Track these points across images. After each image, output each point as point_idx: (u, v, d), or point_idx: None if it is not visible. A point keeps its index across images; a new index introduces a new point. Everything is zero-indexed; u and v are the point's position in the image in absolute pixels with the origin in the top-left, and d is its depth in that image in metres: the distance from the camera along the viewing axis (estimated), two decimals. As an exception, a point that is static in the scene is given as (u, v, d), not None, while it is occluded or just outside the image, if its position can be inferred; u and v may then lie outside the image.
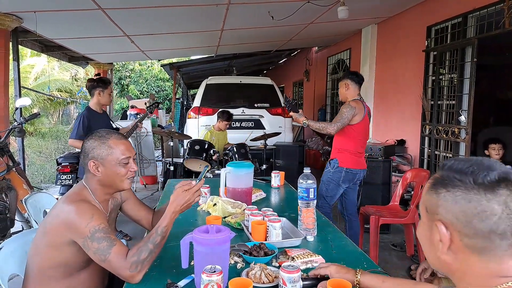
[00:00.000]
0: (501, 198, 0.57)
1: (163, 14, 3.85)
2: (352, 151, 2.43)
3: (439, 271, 0.70)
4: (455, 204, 0.59)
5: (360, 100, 2.44)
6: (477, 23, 3.33)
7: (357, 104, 2.40)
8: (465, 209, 0.58)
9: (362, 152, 2.52)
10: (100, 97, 2.78)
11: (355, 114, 2.37)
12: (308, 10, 3.89)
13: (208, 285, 0.87)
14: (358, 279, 0.83)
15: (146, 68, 15.87)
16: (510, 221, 0.57)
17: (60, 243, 1.12)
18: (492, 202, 0.57)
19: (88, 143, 1.21)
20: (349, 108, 2.37)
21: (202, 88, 5.10)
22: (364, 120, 2.42)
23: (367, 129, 2.51)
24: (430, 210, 0.64)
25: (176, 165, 3.89)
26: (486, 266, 0.59)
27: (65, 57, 6.43)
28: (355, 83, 2.46)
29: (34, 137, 10.03)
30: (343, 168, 2.42)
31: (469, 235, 0.59)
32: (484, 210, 0.57)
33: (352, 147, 2.43)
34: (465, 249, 0.60)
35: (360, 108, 2.40)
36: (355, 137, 2.42)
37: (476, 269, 0.60)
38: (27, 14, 3.59)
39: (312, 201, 1.43)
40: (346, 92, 2.49)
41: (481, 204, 0.58)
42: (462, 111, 3.47)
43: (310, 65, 8.03)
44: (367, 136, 2.55)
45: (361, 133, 2.46)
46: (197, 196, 1.16)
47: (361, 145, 2.49)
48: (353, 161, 2.43)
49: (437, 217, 0.62)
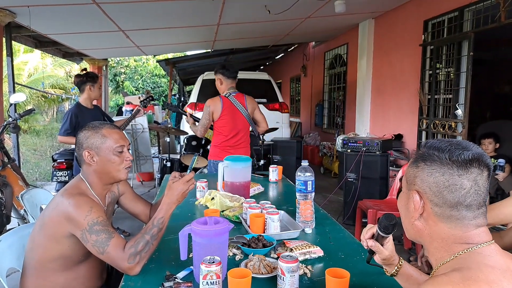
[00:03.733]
0: (471, 175, 0.64)
1: (158, 8, 3.81)
2: (217, 145, 2.56)
3: (411, 238, 0.76)
4: (430, 176, 0.67)
5: (226, 96, 2.50)
6: (473, 17, 3.33)
7: (212, 102, 2.51)
8: (438, 181, 0.66)
9: (234, 145, 2.54)
10: (91, 92, 2.78)
11: (211, 112, 2.49)
12: (305, 4, 3.87)
13: (207, 275, 0.87)
14: (401, 264, 0.87)
15: (141, 64, 15.75)
16: (477, 196, 0.65)
17: (58, 236, 1.12)
18: (463, 177, 0.64)
19: (81, 134, 1.21)
20: (206, 108, 2.52)
21: (198, 84, 5.06)
22: (223, 115, 2.48)
23: (235, 120, 2.51)
24: (409, 181, 0.72)
25: (173, 161, 3.88)
26: (452, 233, 0.66)
27: (59, 53, 6.36)
28: (227, 78, 2.53)
29: (28, 134, 9.94)
30: (210, 160, 2.61)
31: (439, 204, 0.66)
32: (454, 184, 0.65)
33: (217, 141, 2.56)
34: (434, 217, 0.68)
35: (216, 104, 2.49)
36: (221, 133, 2.53)
37: (443, 235, 0.67)
38: (20, 8, 3.53)
39: (310, 193, 1.43)
40: (220, 87, 2.58)
41: (453, 178, 0.65)
42: (458, 105, 3.48)
43: (307, 60, 8.01)
44: (236, 127, 2.53)
45: (226, 127, 2.50)
46: (191, 185, 1.16)
47: (228, 139, 2.52)
48: (216, 153, 2.56)
49: (414, 187, 0.70)
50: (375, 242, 0.84)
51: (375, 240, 0.84)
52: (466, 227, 0.65)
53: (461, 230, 0.65)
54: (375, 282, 1.00)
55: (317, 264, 1.11)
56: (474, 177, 0.64)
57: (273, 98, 5.12)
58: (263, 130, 2.72)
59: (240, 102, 2.53)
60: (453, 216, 0.65)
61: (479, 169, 0.65)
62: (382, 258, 0.86)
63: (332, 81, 6.84)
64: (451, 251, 0.66)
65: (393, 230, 0.82)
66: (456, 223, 0.66)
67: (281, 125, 4.98)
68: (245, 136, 2.61)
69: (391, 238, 0.85)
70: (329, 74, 6.92)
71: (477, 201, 0.65)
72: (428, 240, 0.70)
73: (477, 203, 0.65)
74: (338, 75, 6.45)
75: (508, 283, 0.59)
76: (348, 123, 5.94)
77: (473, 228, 0.65)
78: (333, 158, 5.54)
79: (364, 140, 3.37)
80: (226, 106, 2.50)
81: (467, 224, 0.65)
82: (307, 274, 1.04)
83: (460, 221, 0.65)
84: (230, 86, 2.55)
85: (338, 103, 6.42)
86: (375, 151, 3.30)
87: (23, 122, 9.56)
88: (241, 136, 2.57)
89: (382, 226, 0.82)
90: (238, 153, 2.46)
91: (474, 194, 0.65)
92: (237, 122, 2.54)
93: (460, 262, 0.63)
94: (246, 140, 2.62)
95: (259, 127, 2.69)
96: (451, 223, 0.66)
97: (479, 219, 0.66)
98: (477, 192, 0.65)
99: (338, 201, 3.98)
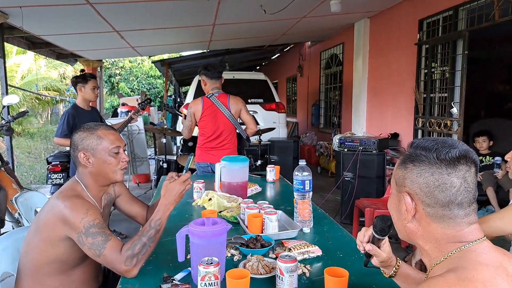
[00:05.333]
0: (460, 173, 0.64)
1: (153, 8, 3.79)
2: (200, 146, 2.58)
3: (404, 239, 0.75)
4: (419, 176, 0.66)
5: (208, 97, 2.49)
6: (468, 15, 3.35)
7: (193, 103, 2.55)
8: (428, 181, 0.65)
9: (217, 146, 2.53)
10: (82, 93, 2.76)
11: (192, 113, 2.51)
12: (301, 4, 3.87)
13: (205, 276, 0.86)
14: (399, 264, 0.86)
15: (136, 65, 15.67)
16: (467, 194, 0.65)
17: (54, 239, 1.10)
18: (452, 176, 0.64)
19: (76, 135, 1.19)
20: (188, 110, 2.54)
21: (194, 84, 5.05)
22: (203, 115, 2.48)
23: (216, 121, 2.50)
24: (399, 183, 0.71)
25: (170, 162, 3.86)
26: (445, 233, 0.66)
27: (52, 55, 6.29)
28: (210, 78, 2.53)
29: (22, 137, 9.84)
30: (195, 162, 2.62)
31: (431, 204, 0.66)
32: (444, 183, 0.64)
33: (200, 142, 2.58)
34: (427, 218, 0.67)
35: (196, 104, 2.51)
36: (203, 134, 2.55)
37: (437, 235, 0.67)
38: (12, 9, 3.49)
39: (308, 193, 1.42)
40: (204, 88, 2.58)
41: (442, 177, 0.64)
42: (454, 103, 3.50)
43: (303, 60, 8.02)
44: (218, 128, 2.51)
45: (207, 128, 2.51)
46: (187, 185, 1.15)
47: (211, 140, 2.52)
48: (198, 155, 2.58)
49: (404, 189, 0.69)
50: (372, 246, 0.82)
51: (371, 243, 0.83)
52: (459, 225, 0.65)
53: (454, 229, 0.65)
54: (374, 281, 0.99)
55: (315, 264, 1.10)
56: (463, 174, 0.64)
57: (269, 98, 5.12)
58: (251, 132, 2.62)
59: (223, 103, 2.49)
60: (445, 216, 0.65)
61: (466, 166, 0.65)
62: (380, 261, 0.85)
63: (328, 81, 6.86)
64: (445, 250, 0.66)
65: (389, 232, 0.80)
66: (449, 223, 0.65)
67: (278, 125, 4.97)
68: (229, 137, 2.55)
69: (387, 239, 0.84)
70: (325, 74, 6.93)
71: (468, 198, 0.65)
72: (422, 241, 0.69)
73: (468, 200, 0.65)
74: (334, 75, 6.47)
75: (501, 280, 0.59)
76: (345, 122, 5.95)
77: (465, 226, 0.65)
78: (330, 158, 5.55)
79: (360, 139, 3.38)
80: (207, 107, 2.47)
81: (459, 222, 0.65)
82: (306, 274, 1.04)
83: (453, 220, 0.65)
84: (214, 86, 2.52)
85: (335, 103, 6.44)
86: (371, 150, 3.30)
87: (16, 125, 9.46)
88: (224, 137, 2.52)
89: (378, 228, 0.81)
90: (222, 154, 2.38)
91: (464, 191, 0.64)
92: (219, 122, 2.50)
93: (454, 261, 0.63)
94: (231, 142, 2.56)
95: (247, 129, 2.63)
96: (444, 223, 0.66)
97: (470, 217, 0.66)
98: (466, 189, 0.65)
99: (335, 200, 3.98)
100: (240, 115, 2.57)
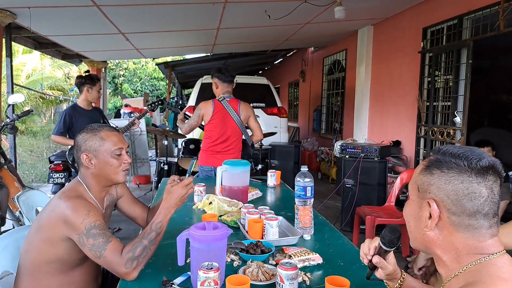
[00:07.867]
0: (488, 183, 0.63)
1: (159, 12, 3.82)
2: (205, 149, 2.55)
3: (418, 248, 0.72)
4: (448, 183, 0.64)
5: (219, 100, 2.47)
6: (472, 25, 3.36)
7: (204, 104, 2.50)
8: (457, 189, 0.64)
9: (222, 150, 2.51)
10: (88, 94, 2.84)
11: (201, 114, 2.49)
12: (305, 10, 3.89)
13: (205, 282, 0.86)
14: (404, 277, 0.84)
15: (140, 67, 15.76)
16: (493, 205, 0.64)
17: (54, 239, 1.10)
18: (481, 185, 0.63)
19: (79, 136, 1.20)
20: (197, 110, 2.52)
21: (197, 87, 5.06)
22: (212, 118, 2.47)
23: (224, 125, 2.48)
24: (422, 189, 0.68)
25: (171, 164, 3.86)
26: (467, 243, 0.64)
27: (58, 55, 6.35)
28: (222, 81, 2.51)
29: (25, 135, 9.87)
30: (198, 165, 2.57)
31: (457, 213, 0.64)
32: (473, 192, 0.63)
33: (205, 145, 2.55)
34: (450, 226, 0.65)
35: (207, 106, 2.48)
36: (209, 137, 2.52)
37: (458, 245, 0.65)
38: (21, 10, 3.53)
39: (309, 199, 1.42)
40: (216, 91, 2.56)
41: (472, 185, 0.63)
42: (457, 112, 3.49)
43: (306, 65, 8.04)
44: (225, 132, 2.50)
45: (214, 131, 2.49)
46: (190, 189, 1.15)
47: (217, 144, 2.50)
48: (202, 158, 2.55)
49: (428, 195, 0.67)
50: (380, 258, 0.79)
51: (378, 255, 0.80)
52: (482, 236, 0.64)
53: (478, 239, 0.64)
54: (375, 290, 0.98)
55: (316, 272, 1.10)
56: (490, 185, 0.63)
57: (271, 103, 5.13)
58: (257, 139, 2.62)
59: (233, 107, 2.48)
60: (470, 226, 0.64)
61: (494, 177, 0.64)
62: (386, 274, 0.82)
63: (330, 87, 6.87)
64: (464, 262, 0.64)
65: (397, 244, 0.78)
66: (473, 233, 0.64)
67: (279, 129, 4.98)
68: (235, 143, 2.54)
69: (391, 251, 0.81)
70: (328, 80, 6.94)
71: (493, 209, 0.64)
72: (440, 251, 0.67)
73: (492, 212, 0.64)
74: (337, 81, 6.48)
75: None
76: (346, 128, 5.94)
77: (488, 238, 0.64)
78: (330, 164, 5.53)
79: (362, 146, 3.37)
80: (217, 110, 2.46)
81: (484, 233, 0.64)
82: (306, 282, 1.03)
83: (478, 230, 0.64)
84: (226, 90, 2.51)
85: (336, 109, 6.44)
86: (373, 157, 3.30)
87: (20, 123, 9.50)
88: (231, 142, 2.51)
89: (387, 240, 0.77)
90: (227, 159, 2.38)
91: (491, 202, 0.63)
92: (227, 127, 2.49)
93: (474, 274, 0.62)
94: (236, 147, 2.55)
95: (252, 136, 2.62)
96: (468, 233, 0.64)
97: (493, 229, 0.65)
98: (492, 200, 0.63)
99: (335, 207, 3.96)
100: (248, 122, 2.57)
